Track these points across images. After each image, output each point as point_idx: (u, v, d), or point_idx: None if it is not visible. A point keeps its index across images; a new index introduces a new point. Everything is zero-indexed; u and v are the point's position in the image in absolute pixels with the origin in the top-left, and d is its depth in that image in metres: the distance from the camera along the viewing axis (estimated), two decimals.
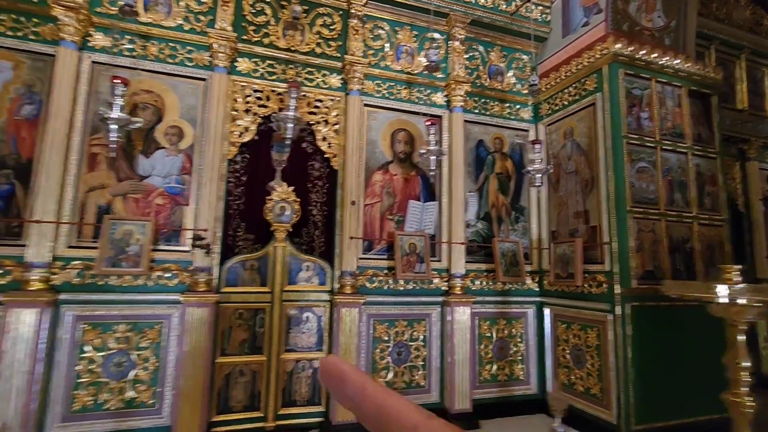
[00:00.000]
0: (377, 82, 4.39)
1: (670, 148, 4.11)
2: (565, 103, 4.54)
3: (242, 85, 3.92)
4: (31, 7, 3.42)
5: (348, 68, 4.13)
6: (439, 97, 4.61)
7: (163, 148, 3.66)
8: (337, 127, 4.19)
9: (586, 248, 4.08)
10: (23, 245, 3.23)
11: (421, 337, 4.24)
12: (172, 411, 3.41)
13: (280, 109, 4.01)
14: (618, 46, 3.95)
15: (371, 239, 4.19)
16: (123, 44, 3.63)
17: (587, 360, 4.00)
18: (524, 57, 5.07)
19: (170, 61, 3.74)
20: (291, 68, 4.08)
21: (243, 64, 3.94)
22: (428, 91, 4.58)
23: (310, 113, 4.13)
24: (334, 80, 4.23)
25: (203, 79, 3.82)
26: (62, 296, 3.25)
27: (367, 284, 4.11)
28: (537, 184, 3.97)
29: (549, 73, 4.77)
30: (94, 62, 3.55)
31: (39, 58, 3.43)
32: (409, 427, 0.32)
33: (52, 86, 3.36)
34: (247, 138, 3.89)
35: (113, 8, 3.62)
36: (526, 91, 4.99)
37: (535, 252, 4.76)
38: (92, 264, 3.36)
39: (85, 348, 3.31)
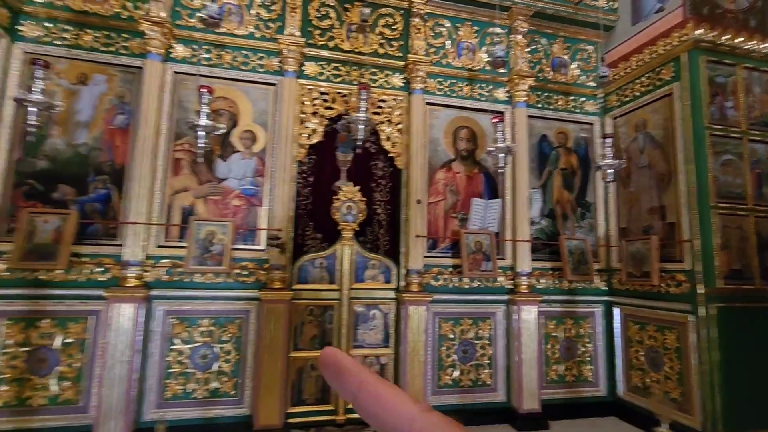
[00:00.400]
0: (439, 80, 4.38)
1: (758, 138, 3.83)
2: (637, 94, 4.34)
3: (309, 89, 4.04)
4: (120, 24, 3.68)
5: (411, 67, 4.14)
6: (501, 93, 4.54)
7: (239, 151, 3.85)
8: (400, 126, 4.23)
9: (663, 246, 3.90)
10: (119, 245, 3.50)
11: (487, 335, 4.21)
12: (253, 401, 3.59)
13: (346, 111, 4.10)
14: (699, 31, 3.73)
15: (436, 237, 4.20)
16: (201, 54, 3.83)
17: (665, 363, 3.83)
18: (589, 48, 4.89)
19: (243, 68, 3.91)
20: (355, 70, 4.15)
21: (310, 68, 4.06)
22: (490, 87, 4.52)
23: (374, 113, 4.19)
24: (397, 80, 4.26)
25: (273, 84, 3.97)
26: (154, 292, 3.50)
27: (432, 282, 4.13)
28: (609, 180, 3.82)
29: (617, 63, 4.57)
30: (175, 72, 3.77)
31: (128, 70, 3.69)
32: (407, 420, 0.31)
33: (141, 96, 3.61)
34: (315, 140, 4.01)
35: (192, 20, 3.83)
36: (591, 83, 4.81)
37: (602, 250, 4.60)
38: (179, 262, 3.59)
39: (174, 341, 3.55)
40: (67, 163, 3.50)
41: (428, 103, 4.29)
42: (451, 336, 4.14)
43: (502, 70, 4.52)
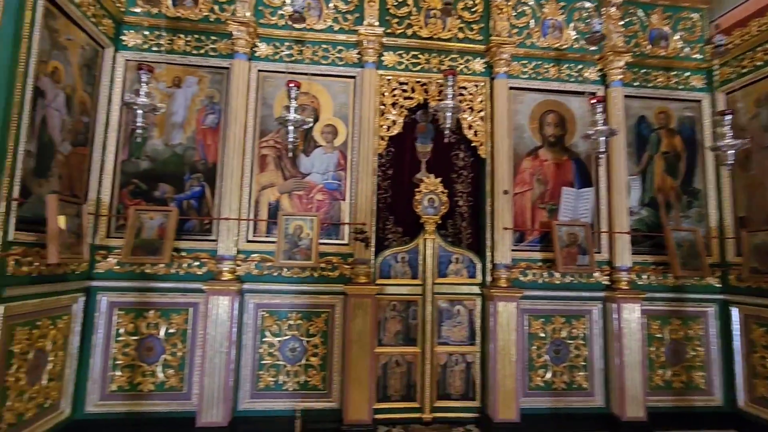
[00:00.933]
0: (523, 62, 4.10)
1: None
2: (758, 63, 3.79)
3: (388, 79, 3.95)
4: (209, 27, 3.81)
5: (494, 50, 3.91)
6: (592, 72, 4.17)
7: (321, 146, 3.85)
8: (482, 114, 4.01)
9: None
10: (214, 240, 3.64)
11: (581, 334, 3.90)
12: (341, 395, 3.59)
13: (425, 100, 3.97)
14: None
15: (524, 230, 3.96)
16: (283, 51, 3.87)
17: None
18: (693, 16, 4.35)
19: (323, 62, 3.90)
20: (434, 57, 4.00)
21: (388, 58, 3.96)
22: (579, 67, 4.17)
23: None
24: (478, 65, 4.05)
25: (352, 77, 3.93)
26: (246, 286, 3.60)
27: (521, 277, 3.89)
28: (729, 162, 3.36)
29: (731, 29, 4.02)
30: (259, 71, 3.84)
31: (217, 71, 3.82)
32: None
33: (229, 95, 3.71)
34: (395, 131, 3.91)
35: (273, 18, 3.88)
36: (697, 56, 4.29)
37: (714, 242, 4.09)
38: (267, 257, 3.67)
39: (265, 333, 3.63)
40: (165, 163, 3.68)
41: (512, 88, 4.04)
42: (542, 335, 3.88)
43: (591, 48, 4.14)
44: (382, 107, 3.91)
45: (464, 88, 4.02)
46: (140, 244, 3.37)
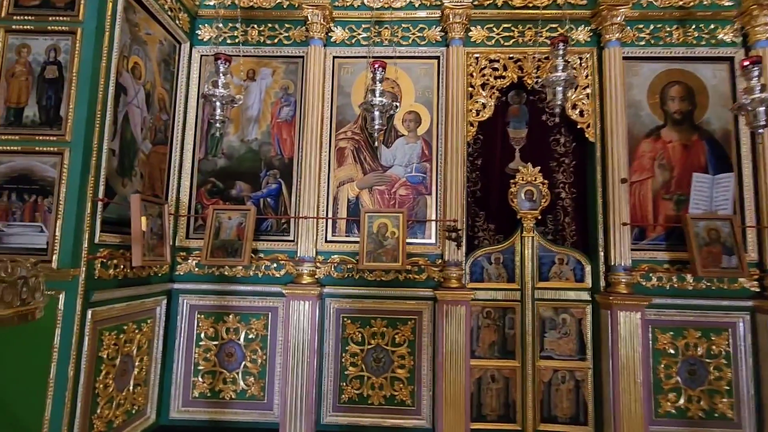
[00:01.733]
0: (639, 26, 3.46)
1: None
2: None
3: (476, 57, 3.49)
4: (282, 14, 3.59)
5: (604, 14, 3.31)
6: (727, 33, 3.42)
7: (402, 135, 3.49)
8: (588, 90, 3.43)
9: None
10: (291, 240, 3.41)
11: (723, 352, 3.20)
12: (432, 413, 3.21)
13: (519, 79, 3.46)
14: None
15: (645, 225, 3.32)
16: (359, 33, 3.56)
17: None
18: None
19: (403, 42, 3.53)
20: (530, 28, 3.48)
21: (476, 33, 3.51)
22: (711, 27, 3.44)
23: None
24: (582, 34, 3.47)
25: (436, 58, 3.52)
26: (326, 290, 3.33)
27: (642, 282, 3.27)
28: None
29: None
30: (335, 57, 3.56)
31: (291, 61, 3.59)
32: None
33: (305, 85, 3.47)
34: (486, 115, 3.45)
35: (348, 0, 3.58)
36: None
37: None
38: (348, 258, 3.37)
39: (348, 341, 3.34)
40: (241, 160, 3.52)
41: (625, 58, 3.41)
42: (672, 351, 3.23)
43: (726, 2, 3.40)
44: (471, 89, 3.46)
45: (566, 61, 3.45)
46: (219, 245, 3.21)
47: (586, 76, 3.44)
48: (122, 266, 2.75)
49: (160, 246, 3.01)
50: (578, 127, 3.41)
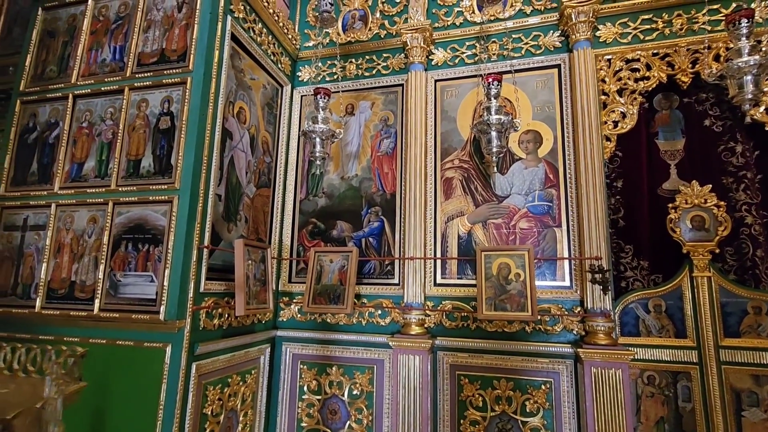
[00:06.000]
0: None
1: None
2: None
3: (608, 59, 2.90)
4: (379, 45, 3.44)
5: None
6: None
7: (520, 159, 2.98)
8: None
9: None
10: (396, 284, 3.06)
11: None
12: None
13: (669, 78, 2.77)
14: None
15: None
16: (463, 52, 3.22)
17: None
18: None
19: (514, 54, 3.10)
20: (679, 15, 2.80)
21: (605, 31, 2.93)
22: None
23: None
24: (760, 9, 2.67)
25: (555, 66, 3.01)
26: (438, 341, 2.87)
27: None
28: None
29: None
30: (436, 81, 3.26)
31: (390, 90, 3.38)
32: None
33: (406, 113, 3.21)
34: (627, 126, 2.80)
35: (448, 18, 3.29)
36: None
37: None
38: (462, 305, 2.89)
39: (467, 405, 2.79)
40: (342, 198, 3.32)
41: None
42: None
43: None
44: (604, 97, 2.86)
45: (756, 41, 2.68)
46: (321, 290, 2.97)
47: None
48: (227, 315, 2.63)
49: (263, 292, 2.87)
50: (766, 129, 2.57)
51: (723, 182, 2.76)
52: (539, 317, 2.69)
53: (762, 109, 2.58)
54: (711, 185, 2.66)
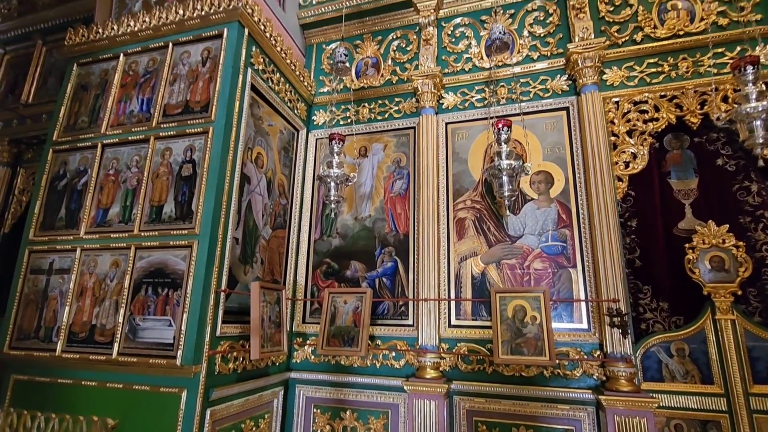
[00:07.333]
0: None
1: None
2: None
3: (615, 101, 2.96)
4: (391, 90, 3.58)
5: None
6: None
7: (532, 199, 3.01)
8: None
9: None
10: (410, 325, 3.04)
11: None
12: None
13: (679, 119, 2.81)
14: None
15: None
16: (472, 96, 3.33)
17: None
18: None
19: (523, 98, 3.19)
20: (685, 58, 2.87)
21: (611, 75, 3.01)
22: None
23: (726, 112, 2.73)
24: (765, 53, 2.73)
25: (564, 109, 3.08)
26: (454, 385, 2.80)
27: None
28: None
29: None
30: (447, 123, 3.35)
31: (402, 133, 3.48)
32: None
33: (418, 155, 3.29)
34: (639, 166, 2.82)
35: (458, 65, 3.43)
36: None
37: None
38: (477, 347, 2.85)
39: None
40: (355, 238, 3.37)
41: None
42: None
43: None
44: (614, 138, 2.91)
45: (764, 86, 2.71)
46: (335, 332, 2.96)
47: None
48: (241, 358, 2.64)
49: (278, 334, 2.88)
50: None
51: (740, 222, 2.73)
52: (557, 361, 2.62)
53: None
54: (728, 225, 2.63)
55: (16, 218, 4.35)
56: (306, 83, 3.62)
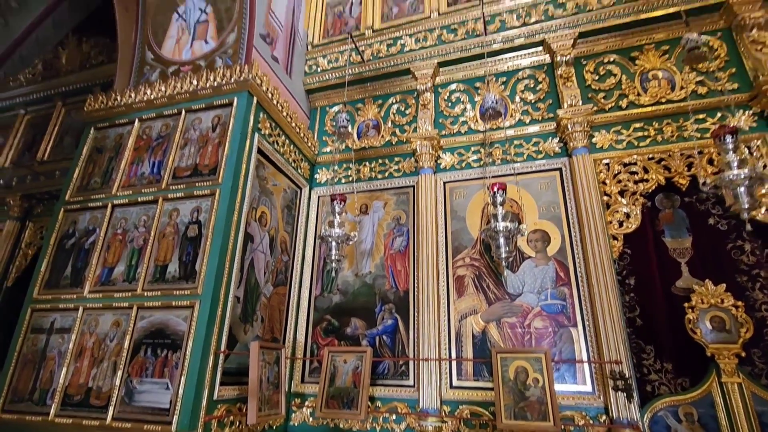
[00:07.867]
0: None
1: None
2: None
3: (606, 163, 3.09)
4: (391, 150, 3.74)
5: None
6: None
7: (530, 257, 3.05)
8: None
9: None
10: (411, 386, 2.98)
11: None
12: None
13: (668, 180, 2.92)
14: None
15: None
16: (469, 157, 3.48)
17: None
18: None
19: (517, 159, 3.33)
20: (668, 123, 3.03)
21: (600, 138, 3.16)
22: None
23: (714, 174, 2.84)
24: (743, 120, 2.87)
25: (556, 170, 3.21)
26: None
27: None
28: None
29: None
30: (445, 182, 3.48)
31: (402, 191, 3.60)
32: None
33: (417, 213, 3.38)
34: (632, 226, 2.90)
35: (453, 127, 3.61)
36: None
37: None
38: (479, 410, 2.78)
39: None
40: (356, 295, 3.38)
41: None
42: None
43: None
44: (606, 198, 3.00)
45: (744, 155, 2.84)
46: (334, 393, 2.90)
47: (765, 167, 2.76)
48: (238, 422, 2.57)
49: (276, 395, 2.82)
50: None
51: (738, 281, 2.75)
52: (563, 426, 2.54)
53: (764, 210, 2.66)
54: (725, 284, 2.65)
55: (21, 271, 4.39)
56: (309, 143, 3.79)
